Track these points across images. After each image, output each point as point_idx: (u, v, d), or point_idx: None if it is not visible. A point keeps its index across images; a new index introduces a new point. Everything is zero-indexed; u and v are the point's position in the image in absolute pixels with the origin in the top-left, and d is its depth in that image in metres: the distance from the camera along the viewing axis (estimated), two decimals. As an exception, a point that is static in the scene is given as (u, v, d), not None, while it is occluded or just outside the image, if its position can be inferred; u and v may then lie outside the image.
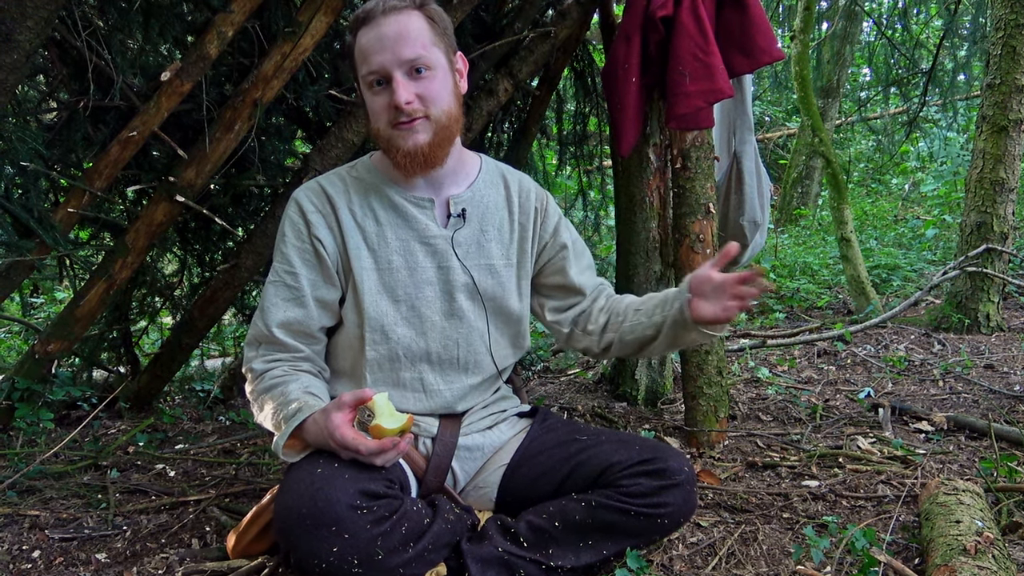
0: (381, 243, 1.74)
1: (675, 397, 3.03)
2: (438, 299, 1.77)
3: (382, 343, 1.74)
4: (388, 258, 1.74)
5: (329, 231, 1.73)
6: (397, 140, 1.64)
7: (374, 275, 1.73)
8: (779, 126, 12.22)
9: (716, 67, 2.43)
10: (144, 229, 2.65)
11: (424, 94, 1.62)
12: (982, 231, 4.42)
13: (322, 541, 1.41)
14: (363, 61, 1.63)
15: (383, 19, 1.60)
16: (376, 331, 1.73)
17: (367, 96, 1.66)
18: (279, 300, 1.72)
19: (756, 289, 1.57)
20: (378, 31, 1.60)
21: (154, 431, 2.89)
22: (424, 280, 1.76)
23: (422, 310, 1.76)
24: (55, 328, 2.72)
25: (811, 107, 5.71)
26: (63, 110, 2.65)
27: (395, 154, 1.66)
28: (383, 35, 1.59)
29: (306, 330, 1.73)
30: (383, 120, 1.64)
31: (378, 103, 1.64)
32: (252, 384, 1.72)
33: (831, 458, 2.38)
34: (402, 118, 1.61)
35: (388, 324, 1.73)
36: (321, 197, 1.75)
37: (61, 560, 1.81)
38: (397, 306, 1.74)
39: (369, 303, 1.72)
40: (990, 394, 3.14)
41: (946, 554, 1.56)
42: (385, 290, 1.74)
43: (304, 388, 1.65)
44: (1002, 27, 4.31)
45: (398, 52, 1.59)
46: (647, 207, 2.91)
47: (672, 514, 1.65)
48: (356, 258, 1.72)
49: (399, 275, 1.74)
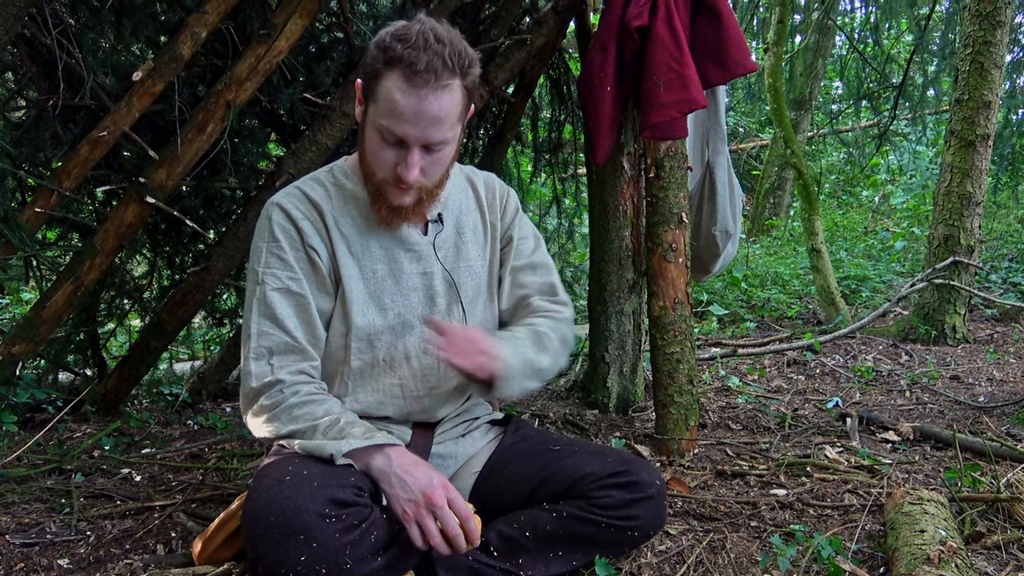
0: (365, 252, 1.72)
1: (646, 405, 3.04)
2: (420, 304, 1.76)
3: (367, 351, 1.72)
4: (372, 267, 1.72)
5: (320, 240, 1.70)
6: (387, 194, 1.64)
7: (360, 284, 1.71)
8: (752, 137, 12.33)
9: (690, 78, 2.45)
10: (113, 230, 2.61)
11: (429, 169, 1.61)
12: (949, 244, 4.49)
13: (290, 549, 1.39)
14: (388, 113, 1.54)
15: (428, 93, 1.50)
16: (362, 340, 1.72)
17: (373, 137, 1.60)
18: (287, 308, 1.66)
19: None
20: (418, 104, 1.51)
21: (120, 435, 2.85)
22: (410, 287, 1.75)
23: (407, 317, 1.75)
24: (20, 329, 2.68)
25: (784, 119, 5.78)
26: (32, 108, 2.61)
27: (380, 204, 1.66)
28: (420, 112, 1.51)
29: (316, 344, 1.70)
30: (382, 171, 1.61)
31: (385, 156, 1.59)
32: (274, 394, 1.62)
33: (799, 467, 2.40)
34: (402, 184, 1.60)
35: (375, 333, 1.72)
36: (306, 204, 1.71)
37: (22, 566, 1.78)
38: (384, 314, 1.73)
39: (357, 313, 1.70)
40: (955, 405, 3.19)
41: (910, 563, 1.58)
42: (372, 299, 1.72)
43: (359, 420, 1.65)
44: (970, 43, 4.40)
45: (427, 134, 1.54)
46: (620, 215, 2.92)
47: (642, 527, 1.65)
48: (344, 266, 1.70)
49: (385, 284, 1.73)
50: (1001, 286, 6.20)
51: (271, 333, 1.65)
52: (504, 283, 1.88)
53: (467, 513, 1.48)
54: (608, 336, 3.01)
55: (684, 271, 2.57)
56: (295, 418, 1.59)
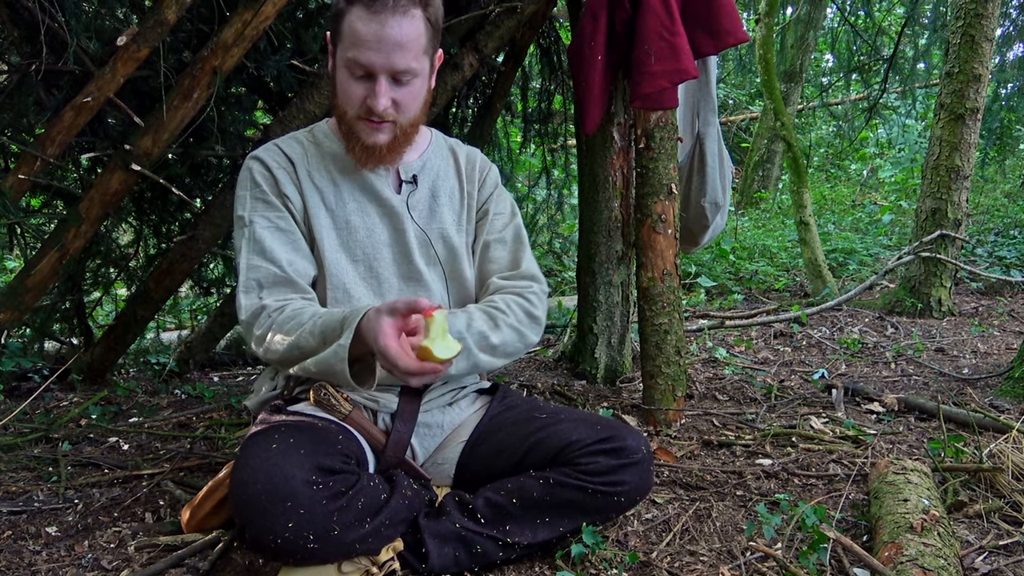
0: (339, 204, 1.76)
1: (634, 376, 3.05)
2: (394, 261, 1.79)
3: (344, 301, 1.74)
4: (346, 218, 1.76)
5: (294, 187, 1.74)
6: (360, 132, 1.67)
7: (333, 234, 1.75)
8: (742, 109, 12.31)
9: (681, 47, 2.43)
10: (98, 198, 2.58)
11: (400, 101, 1.64)
12: (936, 217, 4.51)
13: (278, 516, 1.40)
14: (352, 45, 1.58)
15: (388, 17, 1.55)
16: (338, 289, 1.74)
17: (342, 76, 1.64)
18: (279, 243, 1.70)
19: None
20: (379, 29, 1.56)
21: (107, 404, 2.85)
22: (381, 242, 1.78)
23: (379, 271, 1.77)
24: (5, 298, 2.65)
25: (774, 91, 5.76)
26: (14, 73, 2.57)
27: (354, 143, 1.70)
28: (383, 37, 1.56)
29: (309, 277, 1.72)
30: (352, 107, 1.65)
31: (354, 91, 1.63)
32: (263, 321, 1.62)
33: (785, 437, 2.42)
34: (373, 117, 1.64)
35: (349, 283, 1.74)
36: (281, 156, 1.76)
37: (9, 534, 1.78)
38: (355, 266, 1.76)
39: (330, 260, 1.73)
40: (940, 377, 3.21)
41: (894, 531, 1.59)
42: (344, 249, 1.75)
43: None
44: (962, 16, 4.38)
45: (392, 60, 1.58)
46: (610, 186, 2.91)
47: (629, 492, 1.66)
48: (315, 216, 1.74)
49: (357, 234, 1.76)
50: (987, 260, 6.24)
51: (260, 266, 1.68)
52: (476, 256, 1.90)
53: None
54: (596, 307, 3.01)
55: (673, 242, 2.57)
56: (288, 335, 1.58)
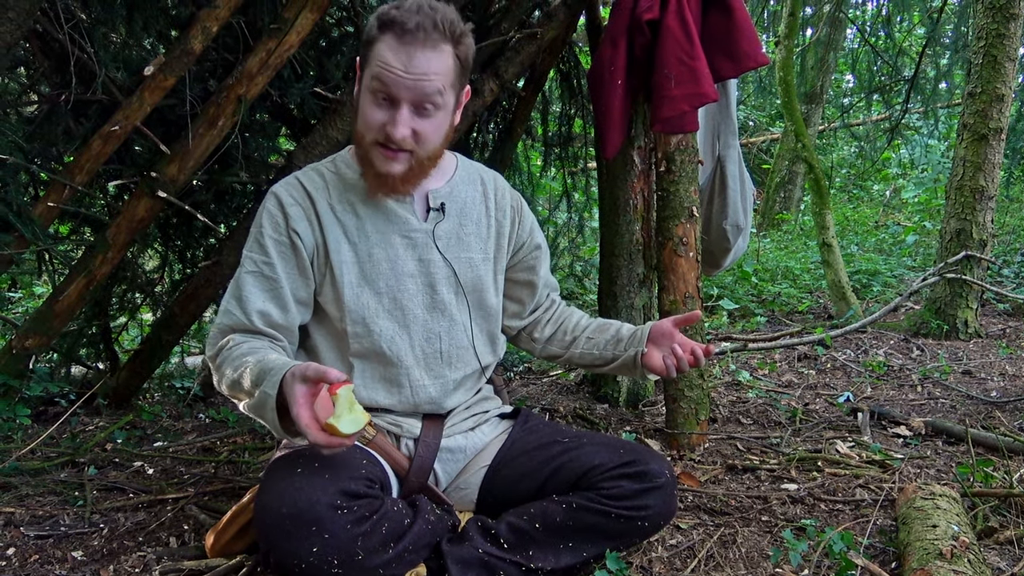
0: (361, 236, 1.73)
1: (656, 399, 3.04)
2: (420, 292, 1.77)
3: (365, 336, 1.73)
4: (369, 251, 1.73)
5: (308, 224, 1.72)
6: (374, 159, 1.65)
7: (355, 268, 1.72)
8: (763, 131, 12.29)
9: (701, 71, 2.44)
10: (125, 224, 2.62)
11: (420, 132, 1.61)
12: (961, 238, 4.46)
13: (302, 541, 1.40)
14: (379, 72, 1.56)
15: (418, 49, 1.54)
16: (358, 323, 1.72)
17: (366, 100, 1.62)
18: (257, 290, 1.68)
19: (698, 360, 1.81)
20: (407, 58, 1.54)
21: (133, 428, 2.87)
22: (405, 273, 1.75)
23: (404, 303, 1.75)
24: (33, 323, 2.69)
25: (794, 112, 5.75)
26: (44, 103, 2.62)
27: (367, 169, 1.69)
28: (410, 67, 1.54)
29: (285, 325, 1.71)
30: (371, 132, 1.62)
31: (375, 116, 1.61)
32: (223, 355, 1.62)
33: (810, 462, 2.40)
34: (390, 144, 1.61)
35: (370, 316, 1.72)
36: (300, 191, 1.74)
37: (36, 558, 1.79)
38: (379, 298, 1.73)
39: (349, 296, 1.71)
40: (967, 400, 3.17)
41: (922, 558, 1.57)
42: (367, 282, 1.73)
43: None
44: (983, 36, 4.36)
45: (417, 89, 1.56)
46: (631, 209, 2.91)
47: (652, 517, 1.65)
48: (336, 251, 1.71)
49: (380, 267, 1.73)
50: (1013, 280, 6.16)
51: (234, 313, 1.68)
52: (543, 280, 1.99)
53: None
54: (618, 330, 3.00)
55: (695, 265, 2.57)
56: (235, 368, 1.55)
